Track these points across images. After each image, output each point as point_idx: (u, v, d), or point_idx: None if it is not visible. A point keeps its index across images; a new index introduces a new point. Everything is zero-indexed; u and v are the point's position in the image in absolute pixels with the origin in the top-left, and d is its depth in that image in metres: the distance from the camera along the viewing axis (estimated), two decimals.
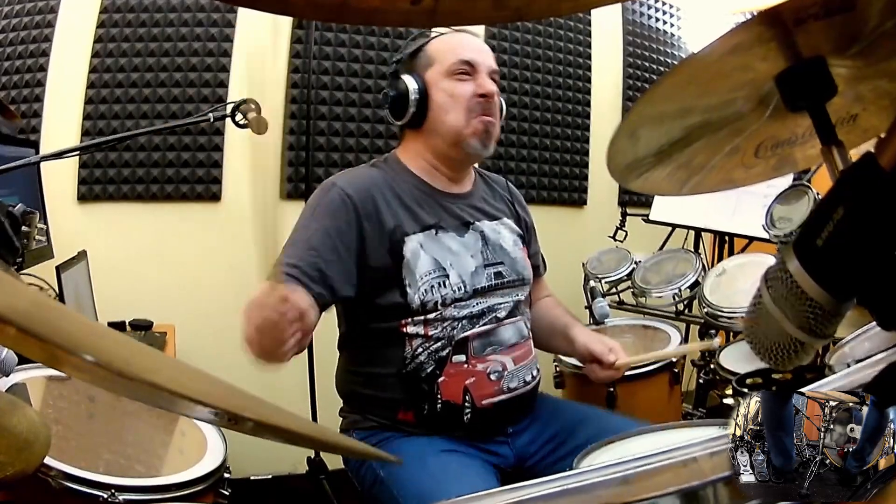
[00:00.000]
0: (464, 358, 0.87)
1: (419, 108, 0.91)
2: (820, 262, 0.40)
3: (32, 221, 1.03)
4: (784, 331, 0.42)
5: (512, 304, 0.93)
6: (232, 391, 0.28)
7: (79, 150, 1.32)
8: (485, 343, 0.89)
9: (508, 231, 0.99)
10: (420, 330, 0.86)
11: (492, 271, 0.92)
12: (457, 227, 0.93)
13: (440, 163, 0.95)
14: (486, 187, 1.03)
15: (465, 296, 0.88)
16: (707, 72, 0.44)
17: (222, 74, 1.69)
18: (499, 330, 0.90)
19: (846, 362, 0.88)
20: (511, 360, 0.90)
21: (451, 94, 0.90)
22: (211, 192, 1.70)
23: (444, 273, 0.88)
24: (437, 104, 0.91)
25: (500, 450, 0.90)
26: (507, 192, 1.06)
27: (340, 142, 1.81)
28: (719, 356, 1.30)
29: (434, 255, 0.88)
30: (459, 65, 0.90)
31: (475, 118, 0.90)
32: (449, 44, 0.93)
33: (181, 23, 1.67)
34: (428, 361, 0.87)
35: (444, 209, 0.93)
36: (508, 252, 0.96)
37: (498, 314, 0.91)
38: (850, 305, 0.41)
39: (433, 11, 0.28)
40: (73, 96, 1.60)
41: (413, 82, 0.90)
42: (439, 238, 0.90)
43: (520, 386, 0.90)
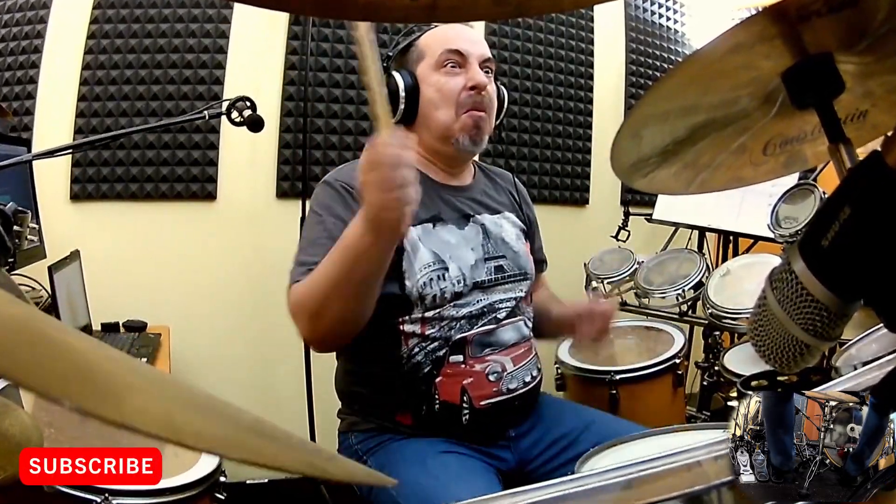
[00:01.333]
0: (461, 358, 0.86)
1: (409, 105, 0.89)
2: (825, 262, 0.40)
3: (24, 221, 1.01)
4: (789, 333, 0.41)
5: (513, 304, 0.92)
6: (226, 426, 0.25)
7: (72, 148, 1.30)
8: (483, 343, 0.88)
9: (510, 224, 0.98)
10: (417, 329, 0.85)
11: (493, 265, 0.91)
12: (456, 220, 0.91)
13: (434, 158, 0.94)
14: (486, 180, 1.02)
15: (465, 290, 0.87)
16: (710, 70, 0.44)
17: (218, 71, 1.67)
18: (498, 331, 0.89)
19: (853, 364, 0.87)
20: (510, 360, 0.89)
21: (439, 89, 0.89)
22: (206, 191, 1.69)
23: (443, 266, 0.87)
24: (426, 100, 0.89)
25: (501, 453, 0.90)
26: (513, 186, 1.04)
27: (337, 140, 1.79)
28: (724, 358, 1.29)
29: (433, 247, 0.87)
30: (448, 55, 0.89)
31: (464, 113, 0.89)
32: (438, 36, 0.92)
33: (176, 19, 1.65)
34: (425, 361, 0.86)
35: (443, 201, 0.92)
36: (510, 245, 0.95)
37: (498, 314, 0.90)
38: (857, 307, 0.40)
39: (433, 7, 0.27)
40: (66, 93, 1.58)
41: (402, 79, 0.89)
42: (438, 231, 0.89)
43: (519, 387, 0.90)
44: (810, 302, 0.40)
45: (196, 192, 1.67)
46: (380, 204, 0.67)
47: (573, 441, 0.90)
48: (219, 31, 1.68)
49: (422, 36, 0.93)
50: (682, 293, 1.46)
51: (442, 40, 0.90)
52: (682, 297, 1.46)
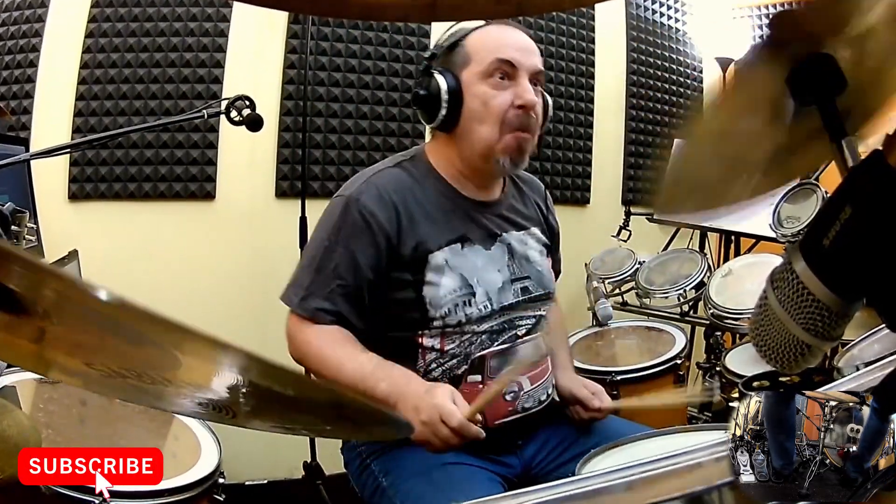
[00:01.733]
0: (479, 378, 0.83)
1: (451, 112, 0.84)
2: (827, 262, 0.40)
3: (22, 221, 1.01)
4: (790, 333, 0.41)
5: (534, 321, 0.90)
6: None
7: (70, 147, 1.30)
8: (502, 363, 0.84)
9: (535, 241, 0.95)
10: (436, 343, 0.84)
11: (518, 286, 0.89)
12: (483, 239, 0.89)
13: (468, 172, 0.89)
14: (516, 192, 0.98)
15: (492, 313, 0.85)
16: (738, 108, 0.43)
17: (217, 70, 1.67)
18: (517, 349, 0.87)
19: (855, 365, 0.87)
20: (528, 379, 0.86)
21: (485, 103, 0.83)
22: (205, 191, 1.68)
23: (470, 291, 0.84)
24: (469, 111, 0.84)
25: (508, 460, 0.88)
26: (542, 196, 1.00)
27: (336, 139, 1.79)
28: (725, 358, 1.28)
29: (461, 271, 0.85)
30: (498, 64, 0.83)
31: (508, 133, 0.84)
32: (488, 39, 0.85)
33: (174, 17, 1.65)
34: (442, 378, 0.84)
35: (471, 219, 0.88)
36: (535, 265, 0.92)
37: (518, 332, 0.88)
38: (859, 307, 0.40)
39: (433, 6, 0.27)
40: (64, 93, 1.58)
41: (445, 82, 0.83)
42: (465, 253, 0.86)
43: (534, 406, 0.87)
44: (811, 302, 0.39)
45: (195, 192, 1.67)
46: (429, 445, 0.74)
47: (574, 442, 0.90)
48: (218, 29, 1.68)
49: (469, 35, 0.87)
50: (684, 293, 1.46)
51: (493, 47, 0.84)
52: (684, 298, 1.46)
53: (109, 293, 0.22)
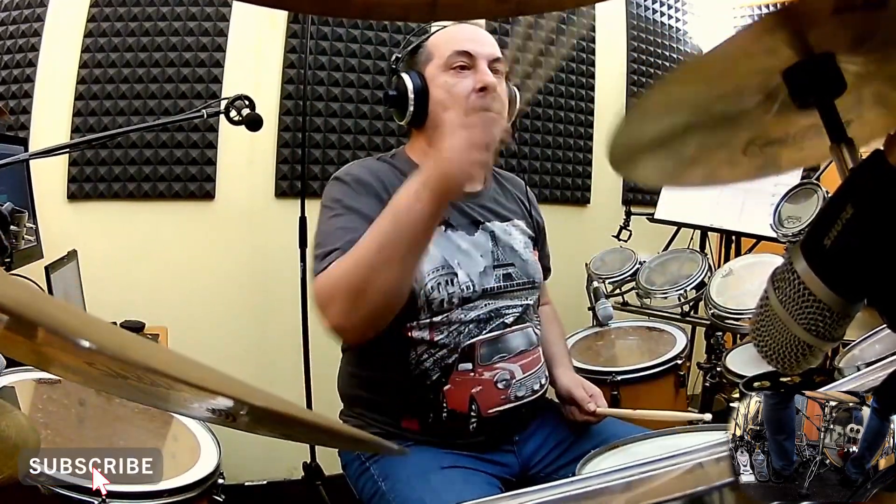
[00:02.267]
0: (470, 366, 0.85)
1: (419, 107, 0.89)
2: (828, 262, 0.40)
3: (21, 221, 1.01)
4: (791, 333, 0.41)
5: (521, 310, 0.91)
6: (230, 380, 0.27)
7: (69, 147, 1.30)
8: (492, 350, 0.87)
9: (519, 232, 0.97)
10: (426, 335, 0.85)
11: (501, 273, 0.91)
12: (466, 226, 0.91)
13: None
14: (497, 187, 1.01)
15: (474, 296, 0.87)
16: (717, 66, 0.43)
17: (216, 70, 1.67)
18: (507, 337, 0.88)
19: (856, 365, 0.87)
20: (519, 367, 0.88)
21: (448, 91, 0.88)
22: (204, 191, 1.68)
23: (451, 271, 0.86)
24: (435, 102, 0.89)
25: (505, 459, 0.89)
26: (524, 193, 1.04)
27: (336, 139, 1.79)
28: (726, 359, 1.28)
29: (442, 252, 0.87)
30: (456, 56, 0.88)
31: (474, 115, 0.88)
32: (446, 36, 0.91)
33: (174, 17, 1.65)
34: (433, 369, 0.85)
35: (453, 206, 0.91)
36: (519, 254, 0.94)
37: (505, 319, 0.89)
38: (860, 307, 0.40)
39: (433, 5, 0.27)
40: (63, 92, 1.58)
41: (411, 80, 0.89)
42: (448, 235, 0.88)
43: (527, 395, 0.89)
44: (813, 302, 0.40)
45: (194, 192, 1.67)
46: (461, 158, 0.67)
47: (574, 442, 0.90)
48: (217, 29, 1.67)
49: (430, 37, 0.93)
50: (684, 293, 1.45)
51: (450, 41, 0.90)
52: (684, 298, 1.45)
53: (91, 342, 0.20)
